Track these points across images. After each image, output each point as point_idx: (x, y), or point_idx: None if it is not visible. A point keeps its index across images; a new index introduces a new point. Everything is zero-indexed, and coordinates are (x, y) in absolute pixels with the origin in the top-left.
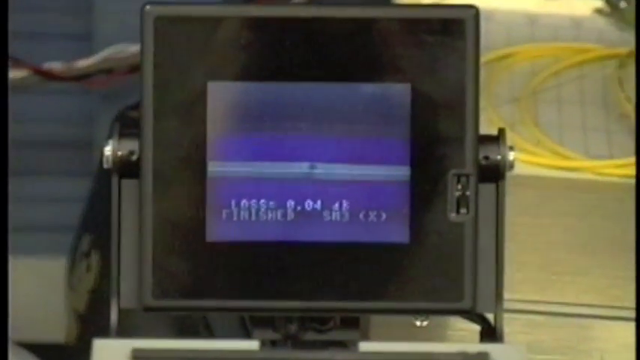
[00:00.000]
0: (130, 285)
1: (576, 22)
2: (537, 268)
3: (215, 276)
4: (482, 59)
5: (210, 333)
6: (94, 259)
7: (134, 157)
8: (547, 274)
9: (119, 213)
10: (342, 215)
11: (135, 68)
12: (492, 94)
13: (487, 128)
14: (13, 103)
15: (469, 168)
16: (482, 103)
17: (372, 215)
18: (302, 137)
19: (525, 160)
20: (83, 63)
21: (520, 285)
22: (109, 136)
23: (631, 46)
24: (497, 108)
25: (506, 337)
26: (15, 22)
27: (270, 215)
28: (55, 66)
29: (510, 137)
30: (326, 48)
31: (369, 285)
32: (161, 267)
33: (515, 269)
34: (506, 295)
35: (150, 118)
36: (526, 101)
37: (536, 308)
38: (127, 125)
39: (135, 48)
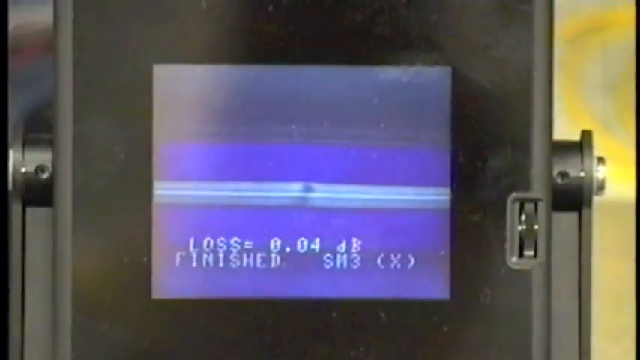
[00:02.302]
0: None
1: None
2: None
3: (164, 348)
4: (566, 31)
5: None
6: None
7: (45, 176)
8: None
9: (23, 256)
10: (350, 260)
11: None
12: (578, 80)
13: (569, 130)
14: None
15: (538, 191)
16: (561, 93)
17: (396, 260)
18: (292, 146)
19: (624, 177)
20: None
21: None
22: (9, 145)
23: None
24: (586, 101)
25: None
26: None
27: (245, 260)
28: None
29: (603, 144)
30: (327, 15)
31: None
32: (85, 335)
33: (610, 338)
34: None
35: (68, 119)
36: (627, 90)
37: None
38: (37, 128)
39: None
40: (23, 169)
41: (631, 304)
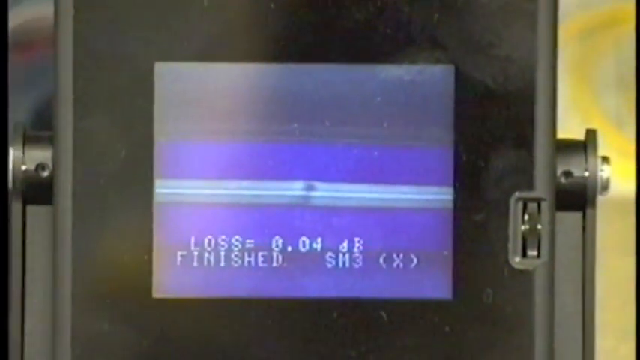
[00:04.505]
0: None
1: None
2: None
3: (165, 348)
4: (578, 27)
5: None
6: None
7: (45, 174)
8: None
9: (23, 255)
10: (352, 259)
11: None
12: (590, 77)
13: (581, 128)
14: None
15: (541, 190)
16: (573, 90)
17: (398, 259)
18: (294, 144)
19: (632, 175)
20: None
21: None
22: (10, 142)
23: None
24: (598, 98)
25: None
26: None
27: (247, 259)
28: None
29: (615, 141)
30: (329, 13)
31: None
32: (84, 335)
33: (619, 338)
34: None
35: (68, 117)
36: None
37: None
38: (47, 124)
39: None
40: (24, 167)
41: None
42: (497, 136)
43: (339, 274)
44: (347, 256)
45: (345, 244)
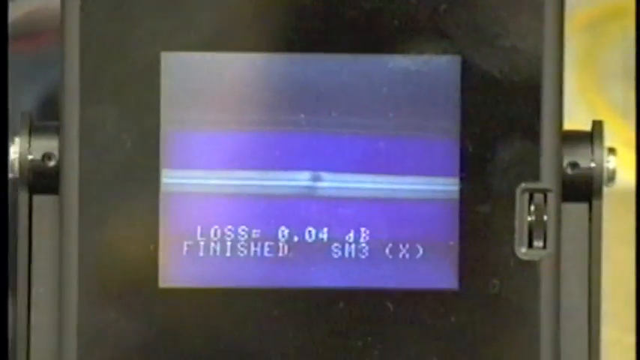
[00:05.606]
0: (45, 350)
1: None
2: None
3: (171, 337)
4: (585, 17)
5: None
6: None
7: (52, 163)
8: None
9: (29, 245)
10: (358, 250)
11: None
12: (597, 68)
13: (587, 118)
14: None
15: (547, 181)
16: (580, 81)
17: (404, 250)
18: (301, 134)
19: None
20: None
21: (628, 354)
22: (16, 132)
23: None
24: (605, 89)
25: None
26: None
27: (253, 249)
28: None
29: (621, 132)
30: (336, 3)
31: (401, 352)
32: (91, 325)
33: (624, 328)
34: None
35: (75, 106)
36: None
37: None
38: (53, 113)
39: None
40: (30, 157)
41: None
42: (504, 127)
43: (345, 265)
44: (353, 246)
45: (352, 234)
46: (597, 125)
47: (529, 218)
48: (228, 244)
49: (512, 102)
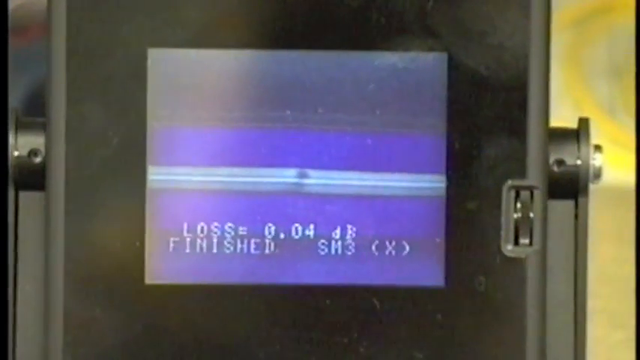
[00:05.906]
0: (30, 346)
1: None
2: None
3: (157, 334)
4: (571, 14)
5: None
6: None
7: (38, 160)
8: None
9: (16, 241)
10: (345, 246)
11: None
12: (583, 64)
13: (573, 115)
14: None
15: (533, 178)
16: (566, 78)
17: (390, 247)
18: (287, 131)
19: (629, 162)
20: None
21: (615, 350)
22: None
23: None
24: (591, 85)
25: None
26: None
27: (239, 246)
28: None
29: (607, 129)
30: (323, 0)
31: (387, 349)
32: (77, 321)
33: (611, 325)
34: None
35: (61, 103)
36: (634, 75)
37: None
38: (38, 110)
39: None
40: (16, 153)
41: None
42: (490, 124)
43: (331, 261)
44: (339, 243)
45: (338, 231)
46: (583, 123)
47: (515, 215)
48: (215, 240)
49: (498, 99)
